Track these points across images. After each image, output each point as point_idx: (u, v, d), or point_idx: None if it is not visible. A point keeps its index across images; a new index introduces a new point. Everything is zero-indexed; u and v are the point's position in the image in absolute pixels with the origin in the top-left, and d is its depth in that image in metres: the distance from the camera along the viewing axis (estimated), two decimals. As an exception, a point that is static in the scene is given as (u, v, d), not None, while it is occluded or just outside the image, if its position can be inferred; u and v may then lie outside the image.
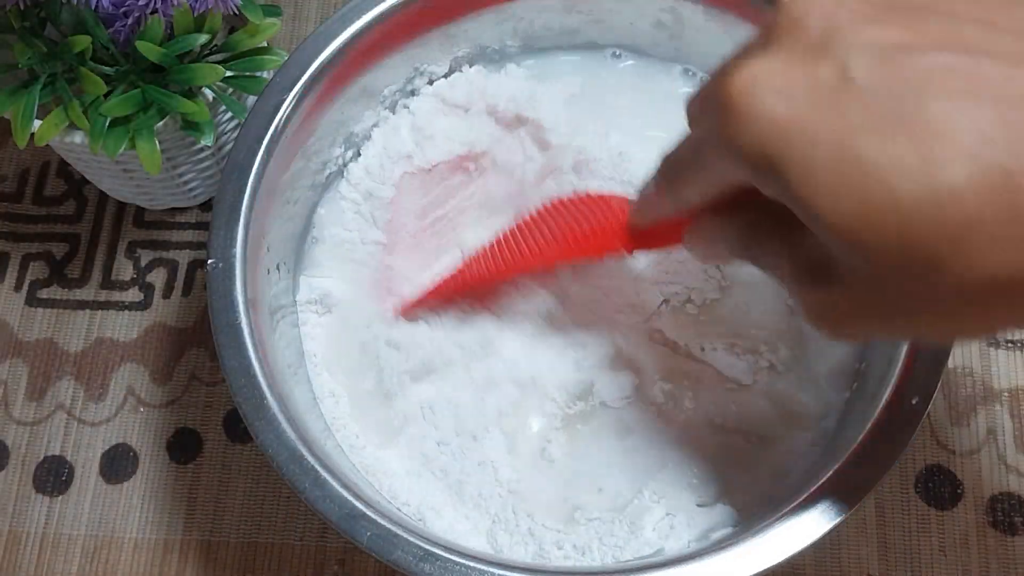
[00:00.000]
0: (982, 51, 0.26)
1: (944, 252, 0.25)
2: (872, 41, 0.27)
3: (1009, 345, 0.52)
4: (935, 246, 0.25)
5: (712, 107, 0.29)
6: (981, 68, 0.26)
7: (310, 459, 0.38)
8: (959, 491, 0.50)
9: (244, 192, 0.43)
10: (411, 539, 0.37)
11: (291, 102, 0.45)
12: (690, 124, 0.33)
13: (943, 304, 0.27)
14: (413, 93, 0.51)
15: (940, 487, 0.50)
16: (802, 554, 0.37)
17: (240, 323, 0.41)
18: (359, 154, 0.50)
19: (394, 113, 0.51)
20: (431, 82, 0.51)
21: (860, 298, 0.29)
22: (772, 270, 0.33)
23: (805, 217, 0.27)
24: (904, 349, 0.40)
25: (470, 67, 0.51)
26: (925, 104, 0.26)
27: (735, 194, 0.31)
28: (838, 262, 0.28)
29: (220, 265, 0.42)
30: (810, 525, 0.37)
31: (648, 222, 0.39)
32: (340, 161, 0.49)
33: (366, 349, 0.47)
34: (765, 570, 0.37)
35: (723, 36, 0.49)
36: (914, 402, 0.39)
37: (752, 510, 0.42)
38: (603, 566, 0.41)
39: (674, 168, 0.34)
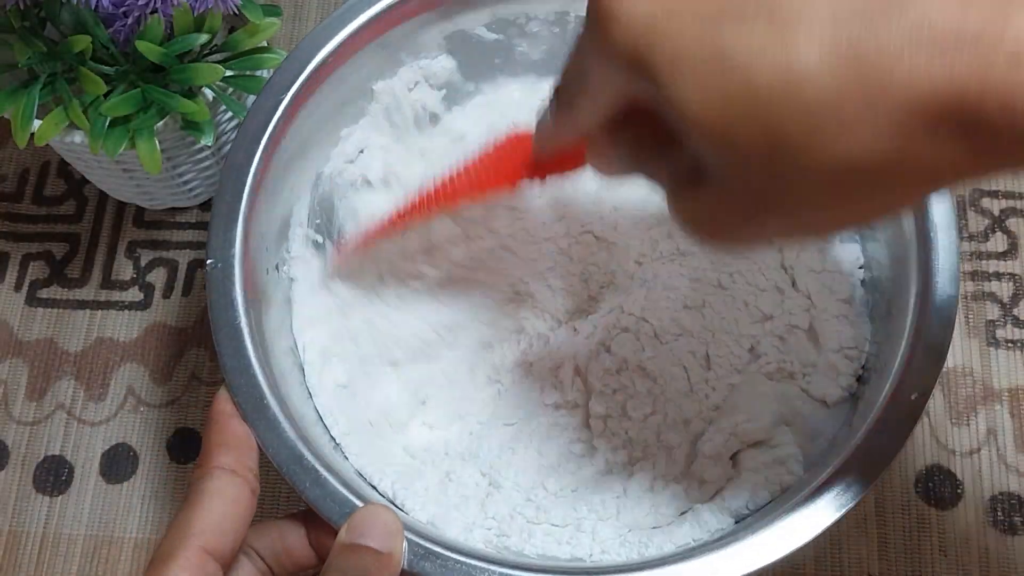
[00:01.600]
0: None
1: (802, 138, 0.25)
2: None
3: (1009, 345, 0.52)
4: (793, 132, 0.25)
5: (586, 17, 0.29)
6: None
7: (310, 458, 0.38)
8: (959, 491, 0.50)
9: (243, 192, 0.43)
10: (411, 537, 0.37)
11: (289, 102, 0.45)
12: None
13: (809, 195, 0.27)
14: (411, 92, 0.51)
15: (940, 487, 0.50)
16: (802, 551, 0.37)
17: (240, 323, 0.41)
18: (359, 154, 0.50)
19: (395, 114, 0.51)
20: (430, 83, 0.51)
21: (730, 197, 0.28)
22: (656, 181, 0.33)
23: (672, 116, 0.27)
24: (904, 345, 0.40)
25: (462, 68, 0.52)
26: None
27: (622, 110, 0.31)
28: (707, 162, 0.28)
29: (219, 265, 0.42)
30: (810, 521, 0.37)
31: (550, 149, 0.39)
32: (339, 161, 0.49)
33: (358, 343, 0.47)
34: (764, 567, 0.37)
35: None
36: (913, 397, 0.39)
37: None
38: (605, 564, 0.41)
39: (564, 89, 0.34)
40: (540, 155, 0.41)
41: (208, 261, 0.42)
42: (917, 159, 0.25)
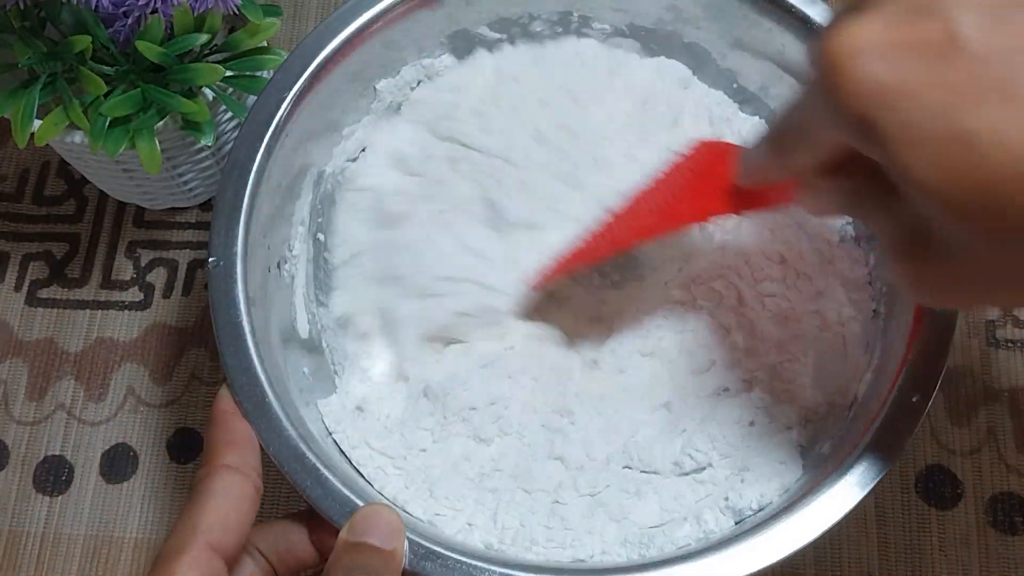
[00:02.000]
0: None
1: None
2: None
3: (1009, 345, 0.52)
4: None
5: (816, 68, 0.28)
6: None
7: (311, 457, 0.38)
8: (959, 491, 0.50)
9: (245, 190, 0.43)
10: (412, 537, 0.37)
11: (292, 100, 0.45)
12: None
13: None
14: (414, 89, 0.51)
15: (940, 487, 0.50)
16: (802, 552, 0.37)
17: (241, 321, 0.41)
18: (361, 152, 0.50)
19: (397, 111, 0.51)
20: (432, 78, 0.51)
21: (964, 269, 0.28)
22: (874, 228, 0.33)
23: (903, 183, 0.27)
24: (905, 347, 0.40)
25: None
26: None
27: (843, 157, 0.32)
28: (937, 230, 0.28)
29: (221, 263, 0.42)
30: (810, 523, 0.37)
31: (754, 184, 0.39)
32: (341, 159, 0.49)
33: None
34: (765, 568, 0.37)
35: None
36: (915, 400, 0.39)
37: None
38: (606, 565, 0.41)
39: (783, 132, 0.34)
40: (742, 188, 0.40)
41: (210, 259, 0.42)
42: None
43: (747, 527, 0.39)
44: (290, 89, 0.45)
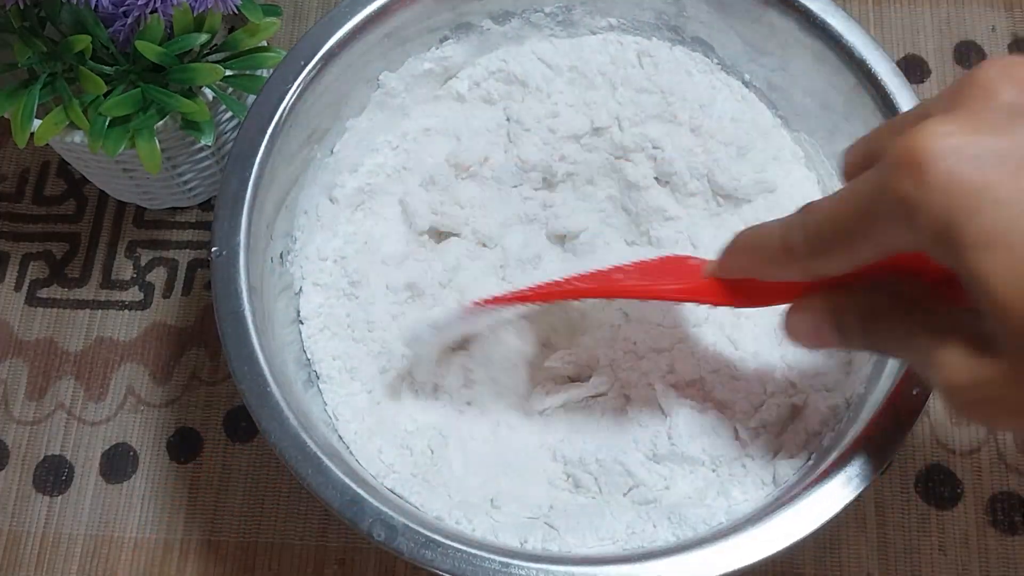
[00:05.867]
0: None
1: None
2: None
3: (1009, 345, 0.52)
4: None
5: (891, 166, 0.27)
6: None
7: (313, 446, 0.39)
8: (959, 491, 0.50)
9: (247, 182, 0.43)
10: (413, 526, 0.37)
11: (295, 91, 0.45)
12: (848, 179, 0.31)
13: None
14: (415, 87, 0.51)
15: (940, 487, 0.50)
16: (801, 544, 0.37)
17: (244, 311, 0.41)
18: (362, 145, 0.50)
19: (400, 107, 0.51)
20: (435, 74, 0.51)
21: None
22: (902, 352, 0.31)
23: (976, 290, 0.26)
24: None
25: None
26: None
27: (877, 266, 0.30)
28: (1000, 342, 0.26)
29: (224, 253, 0.42)
30: (810, 515, 0.37)
31: (744, 275, 0.36)
32: (343, 151, 0.50)
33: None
34: (763, 560, 0.37)
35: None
36: (915, 392, 0.39)
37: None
38: (608, 554, 0.41)
39: (828, 230, 0.30)
40: (729, 276, 0.36)
41: (213, 249, 0.42)
42: None
43: (746, 518, 0.39)
44: (294, 80, 0.45)
